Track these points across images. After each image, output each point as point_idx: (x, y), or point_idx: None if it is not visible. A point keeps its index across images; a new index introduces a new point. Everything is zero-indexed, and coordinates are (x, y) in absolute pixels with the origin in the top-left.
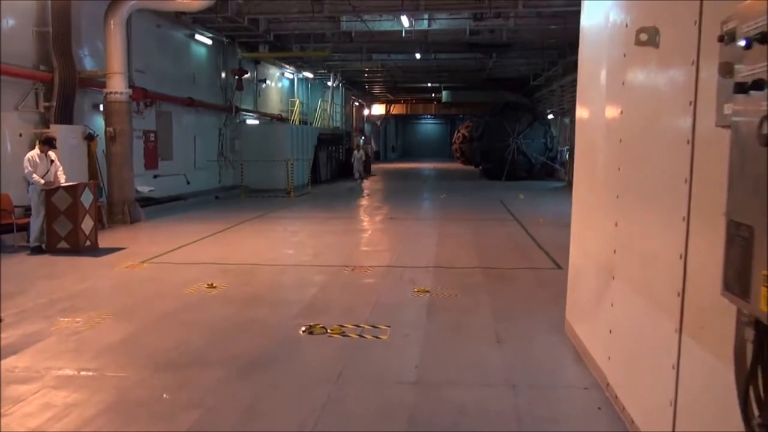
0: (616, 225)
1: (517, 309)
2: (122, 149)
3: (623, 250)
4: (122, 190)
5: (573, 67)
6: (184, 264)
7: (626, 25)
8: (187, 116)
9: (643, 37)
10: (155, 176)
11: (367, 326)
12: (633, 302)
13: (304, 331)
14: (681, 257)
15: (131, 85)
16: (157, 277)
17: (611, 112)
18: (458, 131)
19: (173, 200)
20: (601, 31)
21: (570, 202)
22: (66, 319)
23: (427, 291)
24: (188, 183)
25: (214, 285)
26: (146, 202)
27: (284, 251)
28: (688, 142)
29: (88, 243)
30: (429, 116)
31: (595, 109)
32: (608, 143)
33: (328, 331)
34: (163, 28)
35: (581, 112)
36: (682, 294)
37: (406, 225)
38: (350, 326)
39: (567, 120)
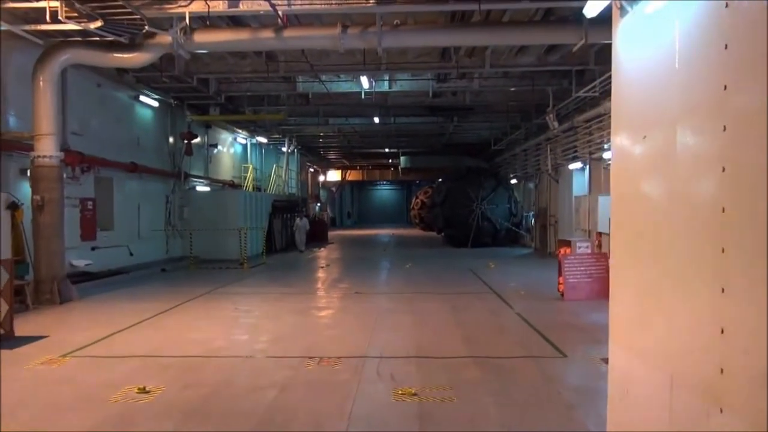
0: (722, 332)
1: (534, 420)
2: (52, 219)
3: (744, 370)
4: (51, 266)
5: (538, 129)
6: (114, 358)
7: (725, 47)
8: (131, 182)
9: None
10: (93, 248)
11: None
12: None
13: None
14: None
15: (65, 149)
16: (78, 377)
17: (699, 169)
18: (416, 197)
19: (114, 274)
20: (657, 62)
21: (543, 269)
22: None
23: (414, 394)
24: (131, 255)
25: (147, 389)
26: (83, 277)
27: (237, 337)
28: None
29: (1, 331)
30: (385, 182)
31: (651, 168)
32: (695, 215)
33: None
34: (104, 87)
35: (619, 178)
36: None
37: (373, 301)
38: None
39: (531, 185)
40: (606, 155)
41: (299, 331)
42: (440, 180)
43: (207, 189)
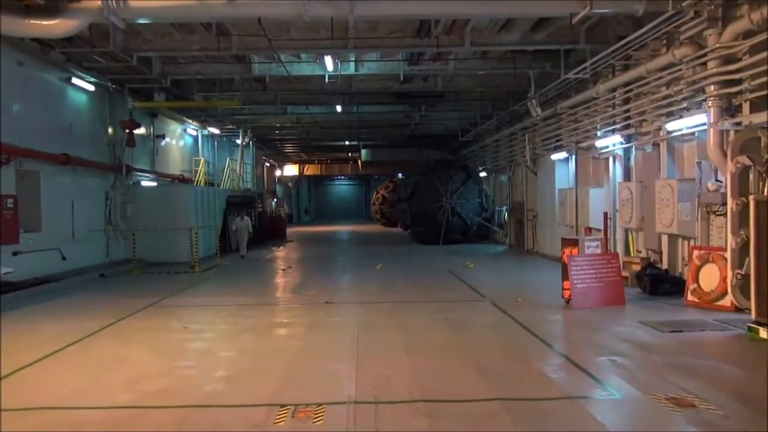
0: None
1: None
2: None
3: None
4: None
5: (511, 119)
6: (9, 412)
7: None
8: (63, 177)
9: None
10: (15, 253)
11: None
12: None
13: None
14: None
15: None
16: None
17: None
18: (377, 192)
19: (41, 283)
20: None
21: (528, 269)
22: None
23: None
24: (64, 259)
25: None
26: (1, 288)
27: (182, 372)
28: None
29: None
30: (343, 177)
31: None
32: None
33: None
34: (26, 67)
35: None
36: None
37: (349, 313)
38: None
39: (504, 177)
40: (599, 143)
41: (264, 361)
42: (403, 174)
43: (153, 184)
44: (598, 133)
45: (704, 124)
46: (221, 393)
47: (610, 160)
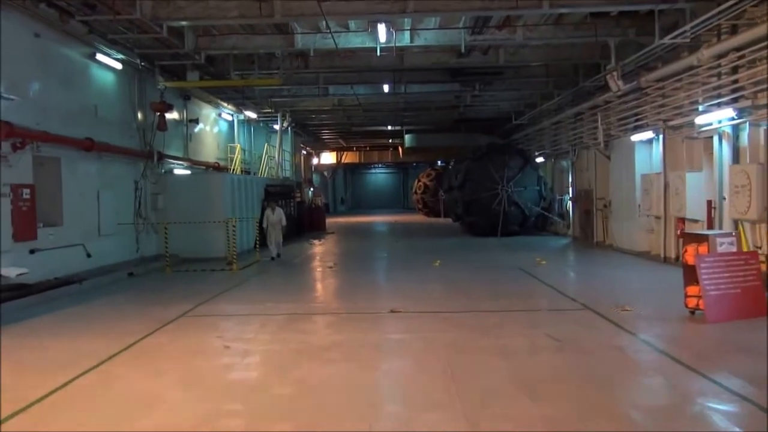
0: None
1: None
2: None
3: None
4: None
5: (575, 98)
6: None
7: None
8: (86, 164)
9: None
10: (32, 251)
11: None
12: None
13: None
14: None
15: None
16: None
17: None
18: (418, 180)
19: (62, 284)
20: None
21: (608, 266)
22: None
23: None
24: (89, 256)
25: None
26: (15, 292)
27: (226, 423)
28: None
29: None
30: (380, 165)
31: None
32: None
33: None
34: (44, 39)
35: None
36: None
37: (424, 328)
38: None
39: (565, 163)
40: (700, 120)
41: (333, 405)
42: (444, 162)
43: (187, 172)
44: (700, 108)
45: None
46: None
47: (714, 139)
